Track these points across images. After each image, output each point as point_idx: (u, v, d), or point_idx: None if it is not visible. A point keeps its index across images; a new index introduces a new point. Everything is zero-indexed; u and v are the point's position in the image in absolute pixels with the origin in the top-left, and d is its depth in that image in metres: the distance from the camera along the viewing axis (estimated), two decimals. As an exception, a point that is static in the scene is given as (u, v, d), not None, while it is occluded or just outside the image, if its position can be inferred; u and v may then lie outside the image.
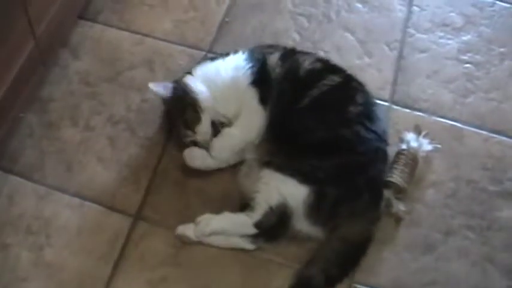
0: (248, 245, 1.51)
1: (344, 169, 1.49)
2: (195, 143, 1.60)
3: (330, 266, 1.47)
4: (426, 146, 1.66)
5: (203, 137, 1.58)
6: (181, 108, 1.58)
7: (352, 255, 1.50)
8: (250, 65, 1.60)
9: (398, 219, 1.58)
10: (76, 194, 1.59)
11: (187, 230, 1.51)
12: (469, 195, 1.65)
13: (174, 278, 1.48)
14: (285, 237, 1.51)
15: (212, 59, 1.69)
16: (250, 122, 1.58)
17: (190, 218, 1.52)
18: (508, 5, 2.02)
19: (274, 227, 1.49)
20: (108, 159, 1.65)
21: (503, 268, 1.54)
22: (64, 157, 1.65)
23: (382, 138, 1.57)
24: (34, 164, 1.63)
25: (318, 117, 1.54)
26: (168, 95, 1.59)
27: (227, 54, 1.67)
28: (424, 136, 1.67)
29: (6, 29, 1.46)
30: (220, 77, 1.61)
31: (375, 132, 1.54)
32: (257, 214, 1.49)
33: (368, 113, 1.57)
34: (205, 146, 1.59)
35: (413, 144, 1.64)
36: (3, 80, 1.51)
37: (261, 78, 1.59)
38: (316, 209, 1.47)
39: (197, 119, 1.57)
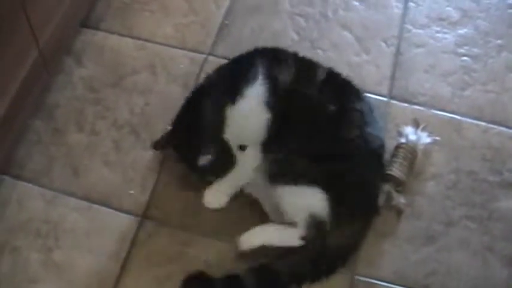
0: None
1: (334, 176, 1.48)
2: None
3: (301, 266, 1.47)
4: (425, 138, 1.68)
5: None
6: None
7: (330, 262, 1.49)
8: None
9: (398, 212, 1.60)
10: (83, 197, 1.62)
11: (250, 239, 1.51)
12: (469, 186, 1.66)
13: (180, 275, 1.49)
14: None
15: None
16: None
17: (195, 217, 1.56)
18: (504, -3, 2.03)
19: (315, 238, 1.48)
20: (113, 162, 1.69)
21: (504, 257, 1.56)
22: (70, 161, 1.68)
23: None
24: (41, 169, 1.67)
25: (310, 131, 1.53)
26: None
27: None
28: (423, 129, 1.69)
29: (9, 39, 1.49)
30: None
31: (369, 135, 1.54)
32: (300, 228, 1.47)
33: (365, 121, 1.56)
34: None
35: (412, 137, 1.66)
36: (8, 89, 1.54)
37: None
38: None
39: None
